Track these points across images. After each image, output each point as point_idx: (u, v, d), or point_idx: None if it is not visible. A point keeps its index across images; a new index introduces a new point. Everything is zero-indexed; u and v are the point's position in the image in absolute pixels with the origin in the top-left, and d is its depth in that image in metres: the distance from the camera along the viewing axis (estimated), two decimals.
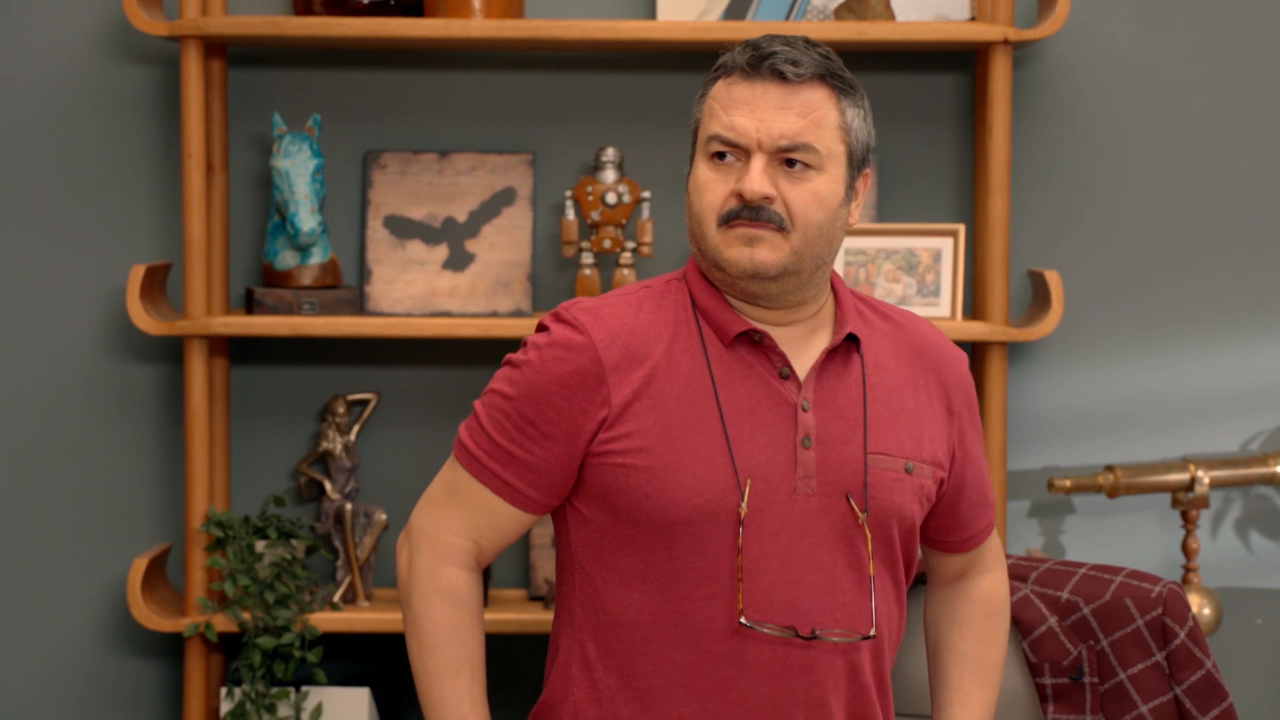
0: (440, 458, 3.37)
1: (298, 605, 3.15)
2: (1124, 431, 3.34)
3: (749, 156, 2.05)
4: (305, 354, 3.37)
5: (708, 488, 2.08)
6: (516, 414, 2.15)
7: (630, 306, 2.15)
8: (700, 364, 2.10)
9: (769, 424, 2.09)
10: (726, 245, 2.07)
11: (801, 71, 2.05)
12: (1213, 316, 3.33)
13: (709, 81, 2.13)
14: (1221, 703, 2.39)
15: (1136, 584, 2.42)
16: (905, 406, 2.17)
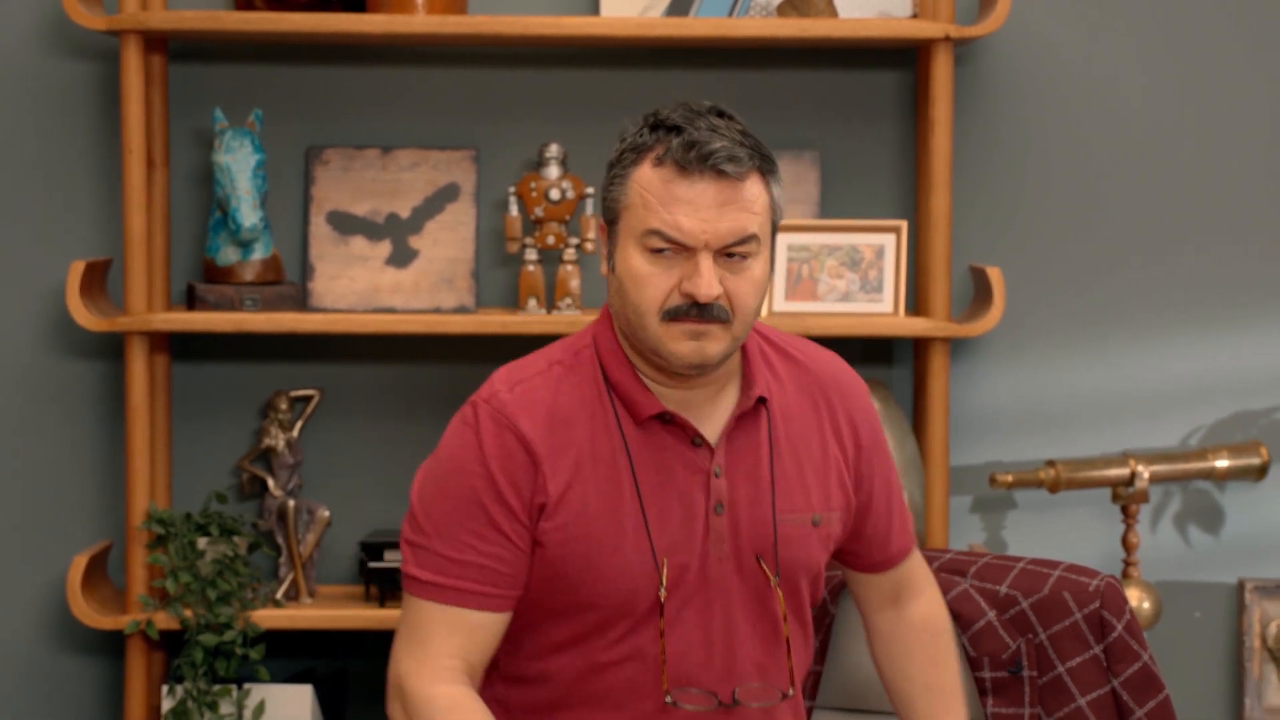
0: (384, 453, 3.36)
1: (240, 602, 3.13)
2: (1065, 427, 3.36)
3: (693, 254, 2.04)
4: (247, 350, 3.35)
5: (631, 574, 2.10)
6: (460, 519, 2.09)
7: (549, 388, 2.12)
8: (618, 444, 2.10)
9: (684, 495, 2.11)
10: (671, 339, 2.05)
11: (741, 169, 2.04)
12: (1153, 312, 3.36)
13: (630, 161, 2.08)
14: (1158, 694, 2.41)
15: (1074, 578, 2.44)
16: (812, 456, 2.18)
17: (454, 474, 2.10)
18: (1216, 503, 3.38)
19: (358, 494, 3.38)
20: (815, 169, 3.31)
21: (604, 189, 2.12)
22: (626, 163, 2.08)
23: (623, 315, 2.10)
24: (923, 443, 3.23)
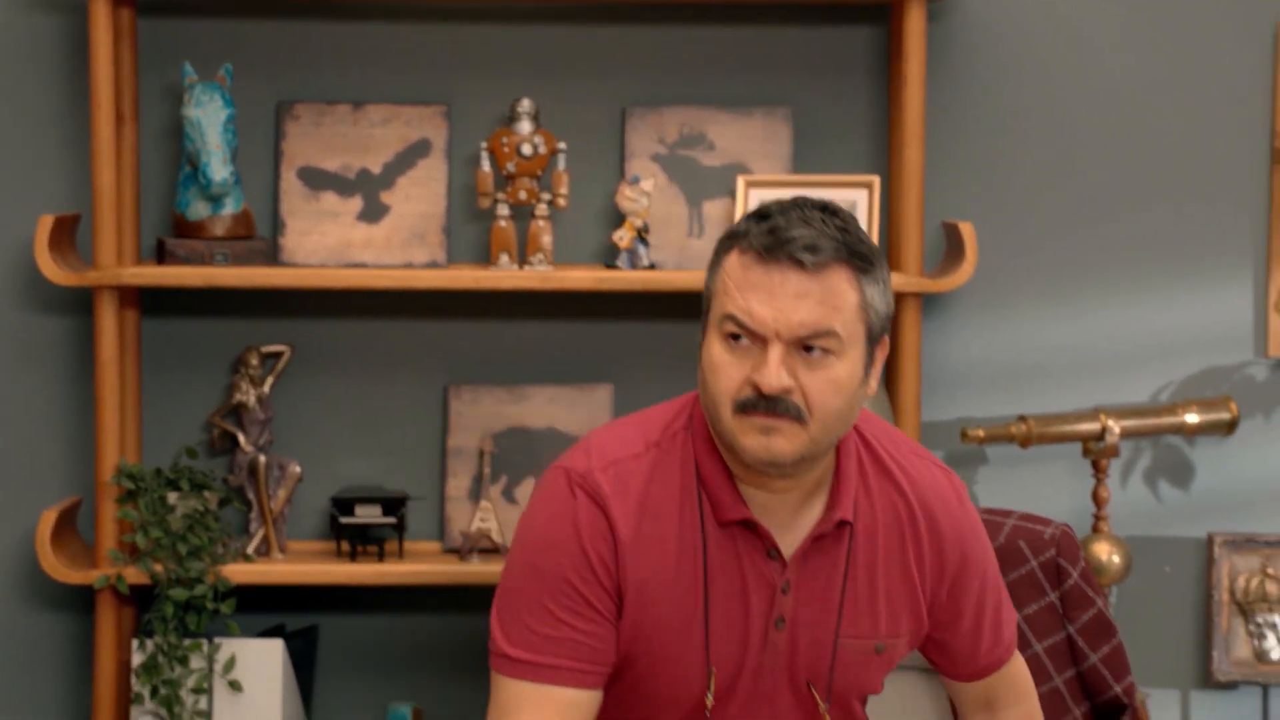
0: (355, 409, 3.36)
1: (210, 557, 3.13)
2: (1036, 382, 3.36)
3: (765, 343, 1.96)
4: (218, 306, 3.34)
5: (685, 681, 2.07)
6: (553, 594, 2.02)
7: (642, 475, 2.04)
8: (698, 545, 2.04)
9: (748, 605, 2.06)
10: (742, 433, 1.97)
11: (821, 259, 1.95)
12: (1125, 268, 3.36)
13: (723, 249, 2.02)
14: (1112, 639, 2.43)
15: (1030, 526, 2.44)
16: (890, 582, 2.11)
17: (547, 549, 2.04)
18: (1186, 458, 3.39)
19: (329, 450, 3.37)
20: (788, 125, 3.31)
21: (705, 281, 2.06)
22: (721, 250, 2.03)
23: (705, 405, 2.03)
24: (894, 398, 3.23)
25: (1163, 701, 3.37)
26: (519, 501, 3.34)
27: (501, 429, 3.36)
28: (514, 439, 3.36)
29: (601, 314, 3.39)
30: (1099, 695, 2.42)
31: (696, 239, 3.33)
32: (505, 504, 3.34)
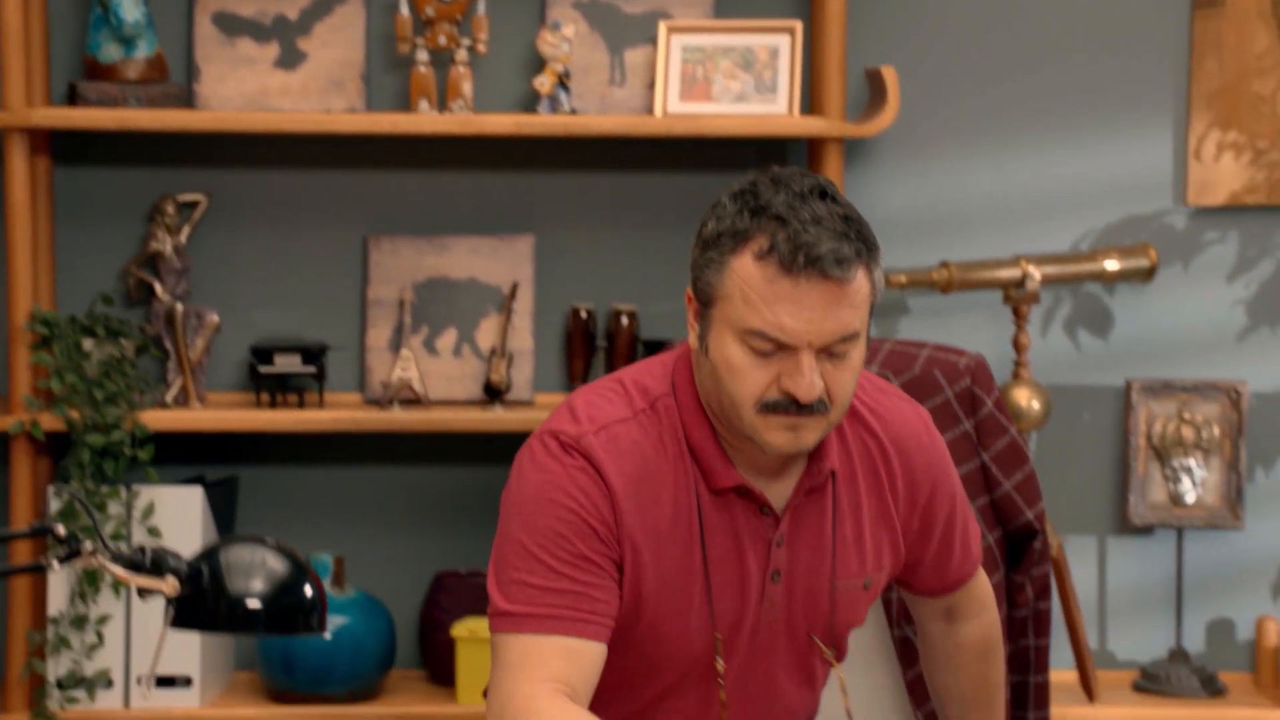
0: (273, 259, 3.33)
1: (127, 403, 3.09)
2: (958, 231, 3.37)
3: (794, 352, 1.95)
4: (132, 153, 3.29)
5: (690, 643, 2.06)
6: (550, 549, 1.98)
7: (635, 440, 2.03)
8: (693, 509, 2.04)
9: (744, 563, 2.06)
10: (767, 430, 1.97)
11: (849, 273, 1.93)
12: (1047, 116, 3.37)
13: (729, 248, 1.96)
14: (1024, 467, 2.45)
15: (944, 356, 2.45)
16: (871, 520, 2.13)
17: (542, 508, 2.00)
18: (1105, 306, 3.41)
19: (248, 300, 3.34)
20: None
21: (696, 266, 2.00)
22: (725, 249, 1.96)
23: (715, 399, 2.01)
24: None
25: (1080, 547, 3.41)
26: (439, 352, 3.32)
27: (422, 279, 3.34)
28: (435, 289, 3.34)
29: (523, 164, 3.36)
30: (1011, 521, 2.45)
31: (618, 87, 3.30)
32: (426, 354, 3.32)
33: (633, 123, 3.17)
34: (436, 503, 3.38)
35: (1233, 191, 3.37)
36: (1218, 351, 3.40)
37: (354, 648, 3.18)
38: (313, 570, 1.61)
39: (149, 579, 1.51)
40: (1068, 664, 3.37)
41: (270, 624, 1.54)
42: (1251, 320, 3.41)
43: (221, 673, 3.26)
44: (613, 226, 3.35)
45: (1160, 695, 3.29)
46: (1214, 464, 3.36)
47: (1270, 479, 3.42)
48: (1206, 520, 3.35)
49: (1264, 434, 3.40)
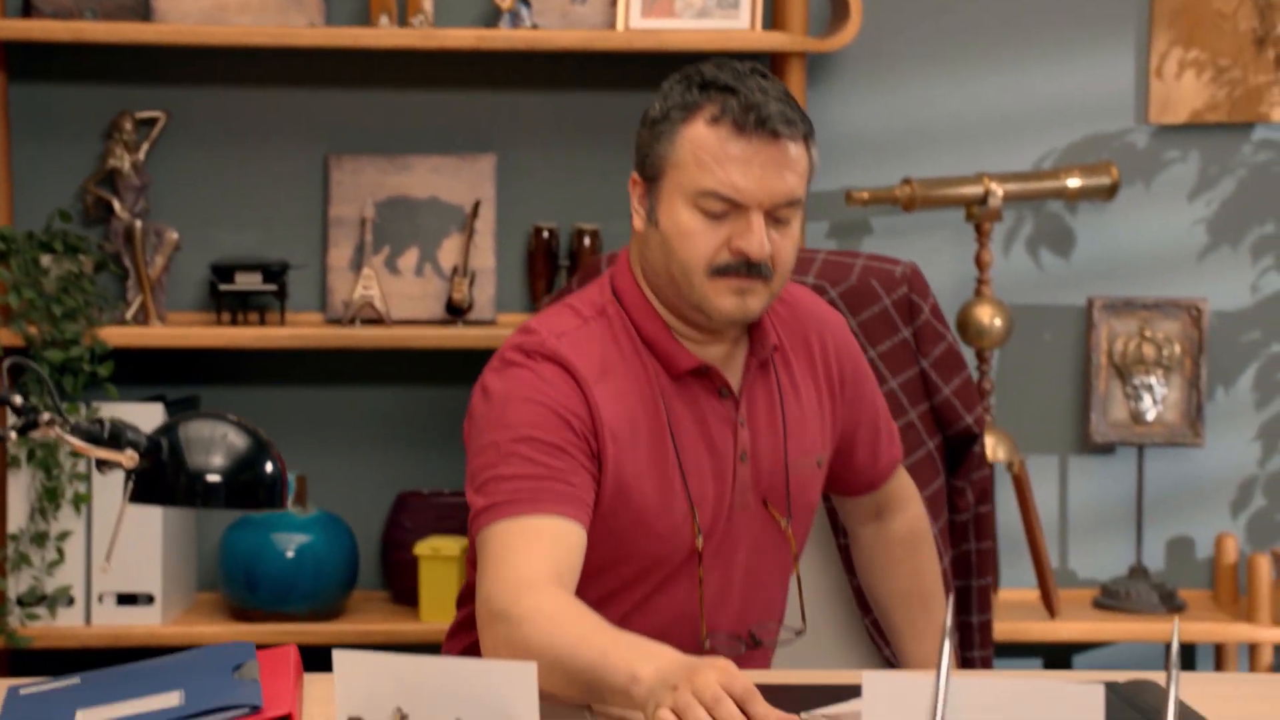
0: (233, 177, 3.31)
1: (86, 320, 3.07)
2: (921, 149, 3.37)
3: (744, 213, 2.03)
4: (89, 69, 3.26)
5: (672, 526, 2.09)
6: (523, 443, 2.01)
7: (594, 340, 2.09)
8: (657, 397, 2.09)
9: (714, 446, 2.12)
10: (717, 294, 2.05)
11: (794, 131, 2.04)
12: (1011, 33, 3.36)
13: (679, 119, 2.05)
14: (961, 372, 2.48)
15: (879, 265, 2.47)
16: (811, 398, 2.20)
17: (513, 407, 2.03)
18: (1067, 225, 3.42)
19: (208, 219, 3.32)
20: None
21: (644, 145, 2.08)
22: (675, 120, 2.05)
23: (664, 271, 2.07)
24: None
25: (1041, 466, 3.43)
26: (401, 271, 3.31)
27: (384, 198, 3.32)
28: (396, 209, 3.33)
29: (484, 82, 3.34)
30: (951, 426, 2.48)
31: (580, 4, 3.28)
32: (388, 274, 3.31)
33: (594, 38, 3.15)
34: (399, 423, 3.37)
35: (1194, 109, 3.37)
36: (1179, 269, 3.41)
37: (316, 567, 3.17)
38: (273, 446, 1.61)
39: (107, 451, 1.50)
40: (1029, 582, 3.39)
41: (231, 498, 1.53)
42: (1212, 238, 3.42)
43: (184, 591, 3.25)
44: (575, 145, 3.34)
45: (1120, 611, 3.31)
46: (1175, 381, 3.37)
47: (1230, 397, 3.44)
48: (1167, 438, 3.36)
49: (1224, 351, 3.42)
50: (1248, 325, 3.43)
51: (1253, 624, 3.25)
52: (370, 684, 1.56)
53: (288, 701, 1.78)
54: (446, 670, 1.57)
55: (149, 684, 1.84)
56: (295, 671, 1.90)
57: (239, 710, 1.74)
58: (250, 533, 3.17)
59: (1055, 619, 3.27)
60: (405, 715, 1.55)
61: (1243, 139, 3.40)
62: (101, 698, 1.82)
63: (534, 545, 1.96)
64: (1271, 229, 3.42)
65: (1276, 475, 3.44)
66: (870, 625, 2.47)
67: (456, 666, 1.57)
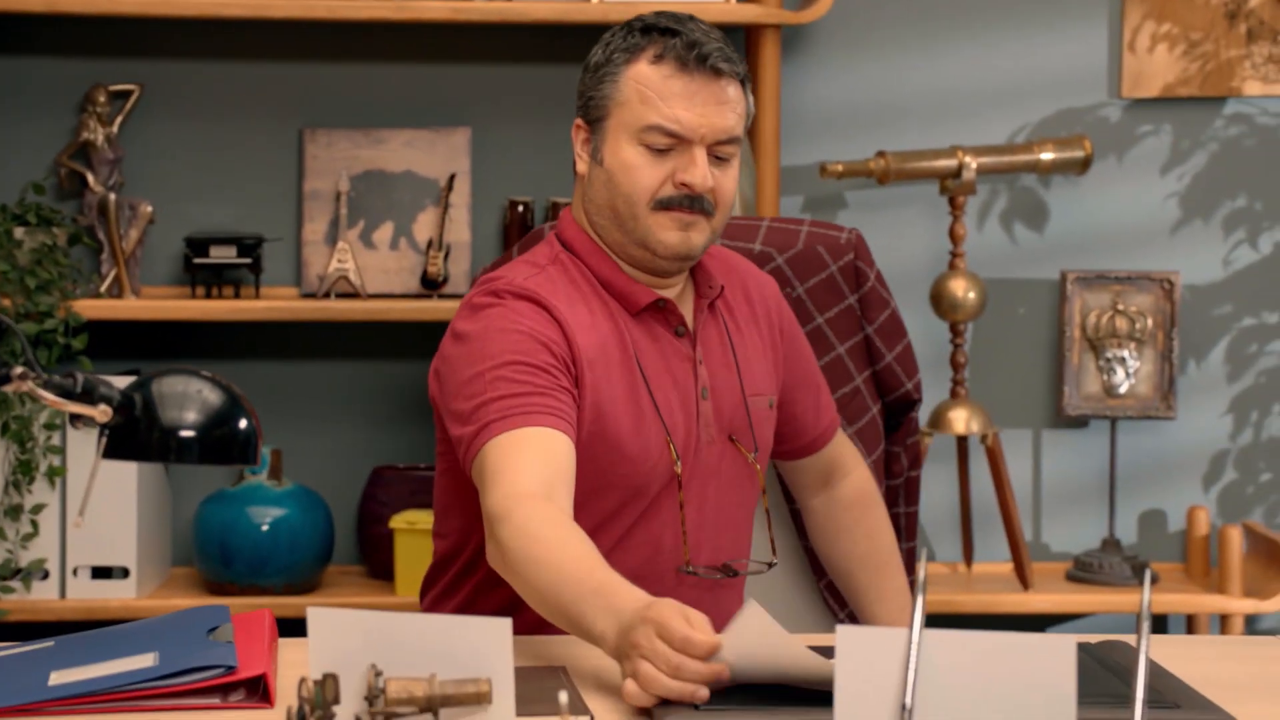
0: (208, 151, 3.30)
1: (61, 292, 3.07)
2: (895, 124, 3.37)
3: (687, 147, 2.11)
4: (62, 41, 3.25)
5: (650, 452, 2.13)
6: (505, 368, 2.04)
7: (555, 282, 2.14)
8: (619, 333, 2.14)
9: (678, 381, 2.17)
10: (660, 228, 2.11)
11: (735, 69, 2.13)
12: (985, 7, 3.37)
13: (623, 60, 2.13)
14: (903, 339, 2.51)
15: (823, 232, 2.49)
16: (757, 343, 2.27)
17: (491, 338, 2.06)
18: (1041, 199, 3.43)
19: (182, 193, 3.31)
20: None
21: (587, 90, 2.15)
22: (619, 62, 2.13)
23: (609, 209, 2.13)
24: (754, 139, 3.23)
25: (1015, 440, 3.44)
26: (376, 245, 3.31)
27: (358, 172, 3.32)
28: (371, 182, 3.32)
29: (459, 56, 3.34)
30: (891, 392, 2.52)
31: None
32: (363, 247, 3.31)
33: (570, 10, 3.15)
34: (374, 396, 3.37)
35: (1166, 83, 3.39)
36: (1151, 243, 3.43)
37: (291, 540, 3.17)
38: (247, 402, 1.61)
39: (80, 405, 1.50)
40: (1003, 555, 3.40)
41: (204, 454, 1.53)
42: (1184, 212, 3.43)
43: (158, 565, 3.25)
44: (550, 119, 3.34)
45: (1092, 584, 3.33)
46: (1147, 354, 3.39)
47: (1201, 370, 3.45)
48: (1139, 410, 3.38)
49: (1195, 324, 3.44)
50: (1219, 298, 3.44)
51: (1224, 595, 3.27)
52: (345, 641, 1.57)
53: (262, 663, 1.78)
54: (421, 626, 1.57)
55: (123, 646, 1.84)
56: (270, 634, 1.90)
57: (213, 672, 1.75)
58: (225, 506, 3.17)
59: (1029, 591, 3.28)
60: (380, 672, 1.55)
61: (1215, 113, 3.41)
62: (75, 660, 1.82)
63: (525, 455, 1.99)
64: (1243, 203, 3.43)
65: (1247, 448, 3.46)
66: (825, 589, 2.49)
67: (431, 623, 1.58)
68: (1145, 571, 1.58)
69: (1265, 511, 3.47)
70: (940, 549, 3.45)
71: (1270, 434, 3.46)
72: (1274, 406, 3.45)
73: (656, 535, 2.16)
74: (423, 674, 1.55)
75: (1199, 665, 1.91)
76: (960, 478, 3.36)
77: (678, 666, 1.70)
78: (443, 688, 1.54)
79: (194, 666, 1.75)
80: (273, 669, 1.82)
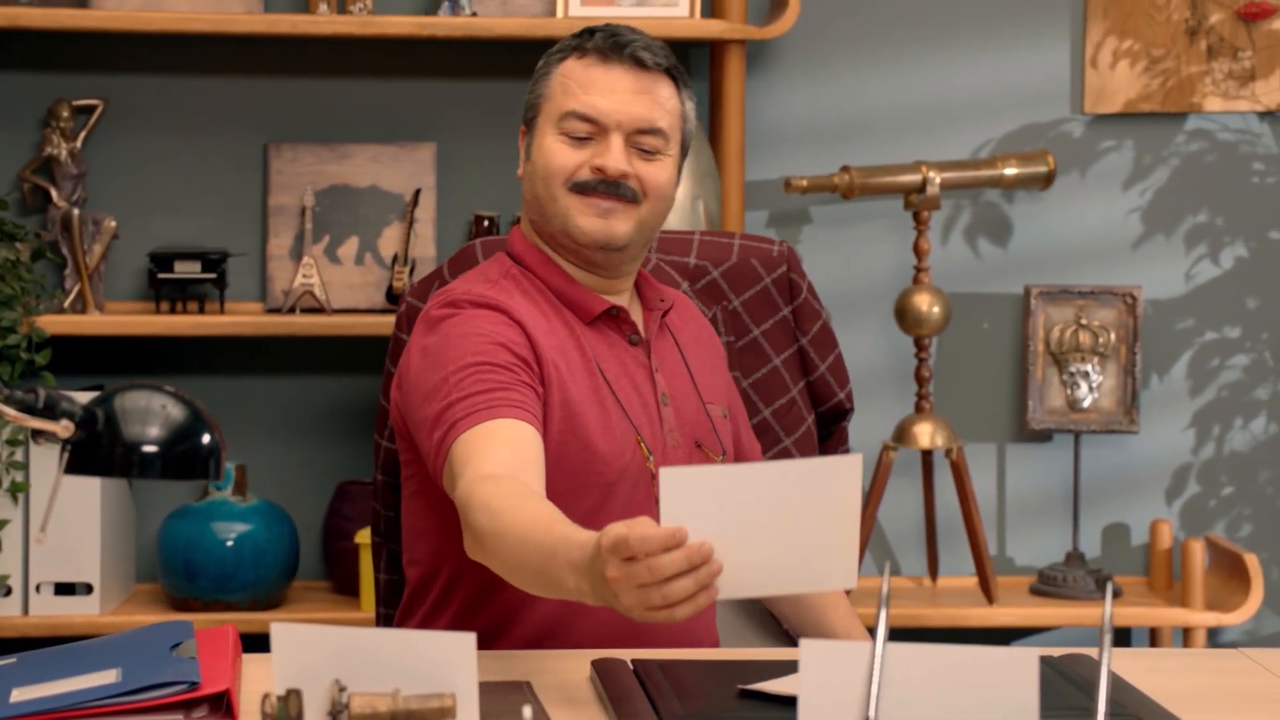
0: (172, 166, 3.30)
1: (24, 308, 3.06)
2: (859, 139, 3.39)
3: (605, 135, 2.14)
4: (26, 55, 3.24)
5: (620, 451, 2.14)
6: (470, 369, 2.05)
7: (511, 294, 2.16)
8: (576, 339, 2.16)
9: (638, 385, 2.18)
10: (579, 213, 2.14)
11: (658, 61, 2.17)
12: (948, 22, 3.39)
13: (552, 60, 2.20)
14: (835, 349, 2.54)
15: (756, 245, 2.52)
16: (706, 359, 2.30)
17: (453, 343, 2.07)
18: (1004, 214, 3.45)
19: (147, 208, 3.30)
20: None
21: (528, 97, 2.22)
22: (552, 61, 2.20)
23: (534, 199, 2.18)
24: (719, 154, 3.24)
25: (979, 454, 3.45)
26: (342, 260, 3.31)
27: (324, 187, 3.32)
28: (336, 197, 3.32)
29: (424, 70, 3.34)
30: (825, 402, 2.54)
31: None
32: (328, 263, 3.30)
33: (534, 25, 3.16)
34: (339, 412, 3.37)
35: (1128, 99, 3.41)
36: (1114, 258, 3.45)
37: (256, 556, 3.16)
38: (211, 417, 1.61)
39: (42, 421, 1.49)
40: (968, 569, 3.41)
41: (167, 469, 1.53)
42: (1146, 227, 3.45)
43: (123, 581, 3.24)
44: (515, 134, 3.32)
45: (1056, 597, 3.34)
46: (1110, 369, 3.41)
47: (1164, 384, 3.47)
48: (1103, 424, 3.40)
49: (1158, 339, 3.46)
50: (1181, 313, 3.46)
51: (1186, 608, 3.28)
52: (308, 656, 1.56)
53: (226, 679, 1.77)
54: (385, 641, 1.57)
55: (86, 662, 1.84)
56: (234, 650, 1.90)
57: (176, 688, 1.74)
58: (190, 522, 3.16)
59: (993, 605, 3.30)
60: (344, 687, 1.55)
61: (1176, 128, 3.44)
62: (37, 677, 1.81)
63: (491, 445, 1.99)
64: (1204, 218, 3.46)
65: (1209, 462, 3.48)
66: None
67: (395, 638, 1.58)
68: (1108, 585, 1.59)
69: (1227, 525, 3.49)
70: (905, 563, 3.46)
71: (1232, 448, 3.48)
72: (1236, 420, 3.47)
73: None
74: (387, 689, 1.55)
75: (1161, 678, 1.92)
76: (925, 492, 3.37)
77: (656, 569, 1.66)
78: (406, 703, 1.54)
79: (157, 683, 1.74)
80: (236, 685, 1.82)
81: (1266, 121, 3.44)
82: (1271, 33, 3.40)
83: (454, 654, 1.56)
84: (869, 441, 3.33)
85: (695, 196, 3.20)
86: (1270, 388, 3.48)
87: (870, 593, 3.26)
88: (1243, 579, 3.27)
